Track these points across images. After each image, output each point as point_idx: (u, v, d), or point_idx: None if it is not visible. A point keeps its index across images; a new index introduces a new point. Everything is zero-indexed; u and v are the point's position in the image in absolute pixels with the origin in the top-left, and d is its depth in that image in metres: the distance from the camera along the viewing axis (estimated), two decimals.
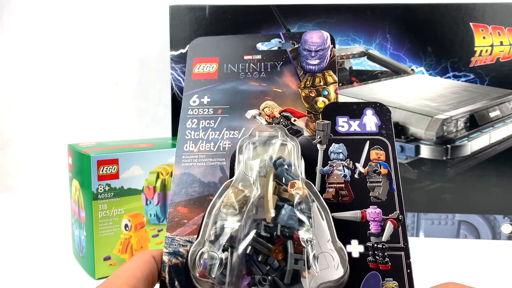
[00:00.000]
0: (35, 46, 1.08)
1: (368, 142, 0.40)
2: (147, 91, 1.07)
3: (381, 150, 0.40)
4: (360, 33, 0.78)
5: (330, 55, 0.45)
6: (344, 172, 0.39)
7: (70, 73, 1.08)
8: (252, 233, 0.34)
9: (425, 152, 0.76)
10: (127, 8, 1.06)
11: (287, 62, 0.45)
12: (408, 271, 0.35)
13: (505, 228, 0.77)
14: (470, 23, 0.75)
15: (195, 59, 0.46)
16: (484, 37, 0.75)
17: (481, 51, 0.76)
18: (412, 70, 0.78)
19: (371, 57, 0.79)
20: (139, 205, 0.63)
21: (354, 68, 0.79)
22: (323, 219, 0.37)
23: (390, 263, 0.36)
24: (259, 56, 0.45)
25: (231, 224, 0.36)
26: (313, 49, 0.45)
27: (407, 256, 0.36)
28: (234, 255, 0.34)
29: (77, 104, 1.09)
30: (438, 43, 0.76)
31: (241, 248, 0.34)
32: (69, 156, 0.66)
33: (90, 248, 0.60)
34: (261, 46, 0.45)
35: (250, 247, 0.33)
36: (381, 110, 0.42)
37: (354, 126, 0.41)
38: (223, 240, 0.35)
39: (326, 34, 0.45)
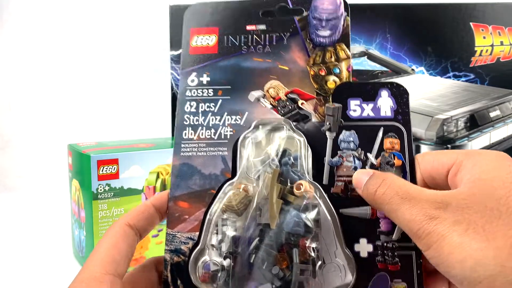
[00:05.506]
0: (35, 46, 1.08)
1: (381, 129, 0.36)
2: (147, 91, 1.07)
3: (396, 138, 0.36)
4: (360, 33, 0.78)
5: (344, 25, 0.39)
6: (355, 163, 0.36)
7: (70, 73, 1.08)
8: (256, 240, 0.32)
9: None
10: (127, 8, 1.06)
11: (294, 33, 0.40)
12: (419, 271, 0.33)
13: None
14: (470, 23, 0.75)
15: (192, 30, 0.40)
16: (484, 37, 0.75)
17: (481, 51, 0.76)
18: (412, 70, 0.78)
19: (371, 57, 0.79)
20: None
21: (354, 68, 0.79)
22: (330, 223, 0.34)
23: (399, 263, 0.34)
24: (263, 26, 0.40)
25: (233, 228, 0.34)
26: (324, 18, 0.39)
27: (418, 256, 0.33)
28: (237, 262, 0.33)
29: (77, 104, 1.09)
30: (438, 43, 0.76)
31: (244, 255, 0.32)
32: (69, 156, 0.66)
33: (90, 248, 0.60)
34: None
35: (253, 256, 0.32)
36: (398, 91, 0.37)
37: (368, 110, 0.37)
38: (225, 246, 0.34)
39: (339, 0, 0.40)
